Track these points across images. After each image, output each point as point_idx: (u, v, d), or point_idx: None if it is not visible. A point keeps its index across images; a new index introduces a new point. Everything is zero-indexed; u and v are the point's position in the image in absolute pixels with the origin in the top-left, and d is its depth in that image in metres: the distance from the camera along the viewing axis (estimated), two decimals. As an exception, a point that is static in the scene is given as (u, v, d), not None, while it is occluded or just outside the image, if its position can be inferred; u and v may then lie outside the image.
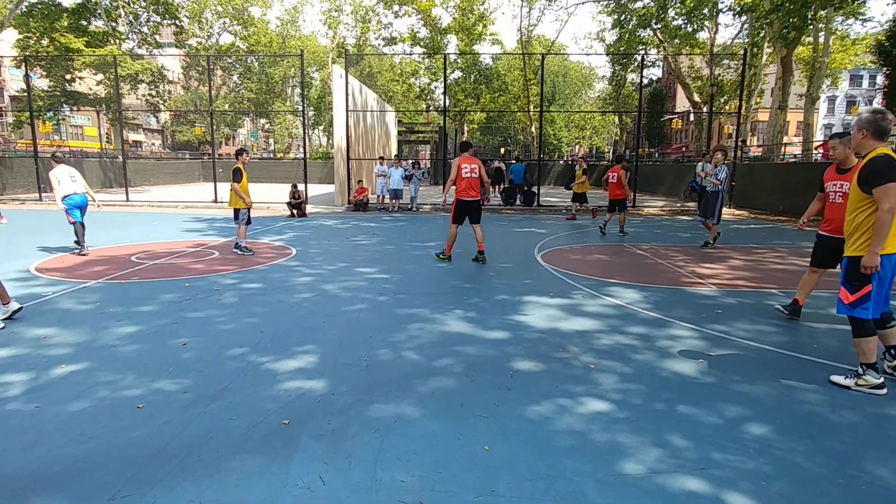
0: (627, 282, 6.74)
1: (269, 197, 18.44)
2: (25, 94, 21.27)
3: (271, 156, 55.27)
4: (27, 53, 23.46)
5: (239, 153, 8.64)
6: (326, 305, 5.55)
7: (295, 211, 14.90)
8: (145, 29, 29.45)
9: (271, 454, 2.74)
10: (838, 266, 4.06)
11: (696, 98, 27.09)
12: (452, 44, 35.50)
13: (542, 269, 7.57)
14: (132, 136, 54.78)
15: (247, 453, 2.75)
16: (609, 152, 58.91)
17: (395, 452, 2.76)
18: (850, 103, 51.05)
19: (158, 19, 29.34)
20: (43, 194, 18.48)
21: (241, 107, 46.07)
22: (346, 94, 16.77)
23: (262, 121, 62.63)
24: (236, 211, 8.42)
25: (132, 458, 2.69)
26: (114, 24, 27.72)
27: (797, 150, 23.55)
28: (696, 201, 16.33)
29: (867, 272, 3.40)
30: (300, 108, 47.97)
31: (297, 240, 10.31)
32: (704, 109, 25.75)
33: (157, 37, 30.80)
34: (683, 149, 45.72)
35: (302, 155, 32.98)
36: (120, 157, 24.38)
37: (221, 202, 17.49)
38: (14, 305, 4.96)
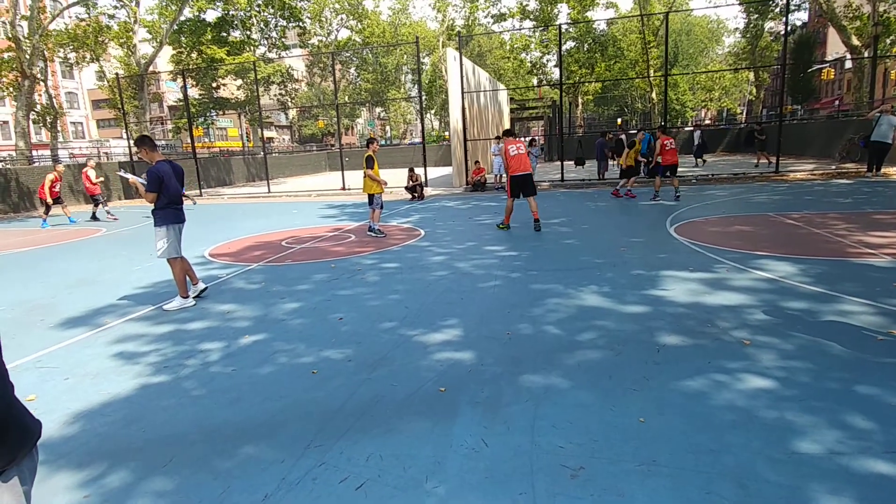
0: (779, 254, 6.19)
1: (390, 182, 19.33)
2: (181, 103, 24.26)
3: (387, 142, 57.67)
4: (182, 67, 26.72)
5: (370, 142, 9.22)
6: (462, 282, 5.79)
7: (414, 194, 15.51)
8: (274, 34, 32.04)
9: (434, 417, 2.99)
10: None
11: (855, 41, 23.48)
12: (563, 13, 34.19)
13: (677, 243, 7.19)
14: (266, 134, 60.20)
15: (412, 416, 3.03)
16: (742, 114, 53.31)
17: (550, 420, 2.87)
18: None
19: (285, 23, 31.76)
20: (202, 190, 21.07)
21: (359, 98, 48.48)
22: (461, 77, 16.96)
23: (378, 109, 65.38)
24: (370, 196, 9.00)
25: (317, 415, 3.09)
26: (248, 32, 30.51)
27: None
28: (868, 160, 14.33)
29: None
30: (413, 95, 49.37)
31: (423, 221, 10.77)
32: (866, 54, 22.29)
33: (283, 40, 33.37)
34: (837, 102, 39.99)
35: (416, 140, 34.05)
36: (260, 153, 26.98)
37: (350, 189, 18.72)
38: (201, 285, 5.81)
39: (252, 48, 30.88)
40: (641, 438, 2.65)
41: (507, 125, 28.04)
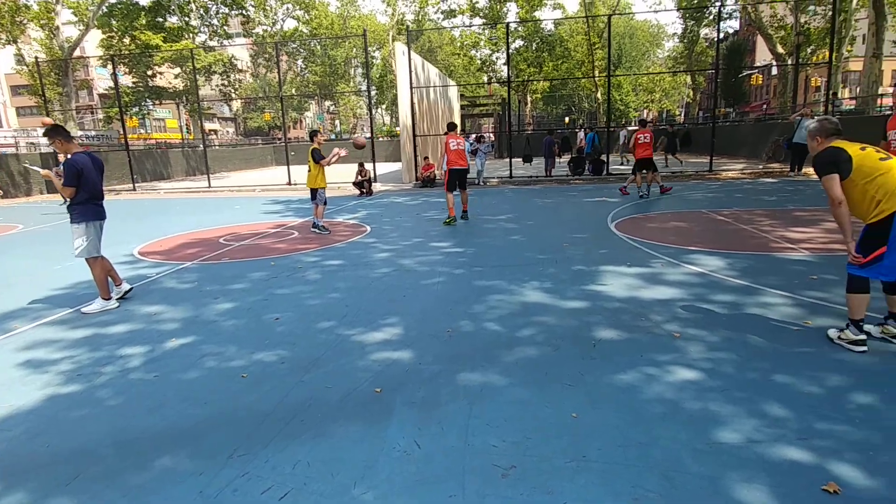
0: (709, 249, 6.46)
1: (338, 177, 19.01)
2: (113, 91, 22.90)
3: (336, 137, 56.67)
4: (112, 53, 25.18)
5: (314, 134, 9.00)
6: (406, 279, 5.72)
7: (362, 190, 15.28)
8: (215, 21, 30.74)
9: (368, 419, 2.91)
10: None
11: (780, 49, 24.96)
12: (512, 12, 34.55)
13: (617, 239, 7.39)
14: (208, 126, 57.82)
15: (345, 419, 2.94)
16: (680, 115, 55.67)
17: (485, 419, 2.85)
18: (965, 43, 45.15)
19: (227, 10, 30.52)
20: (136, 184, 19.99)
21: (307, 90, 47.33)
22: (410, 72, 16.82)
23: (327, 103, 64.12)
24: (314, 191, 8.78)
25: (244, 421, 2.95)
26: (187, 18, 29.14)
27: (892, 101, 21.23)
28: (790, 161, 15.25)
29: (854, 261, 3.43)
30: (363, 89, 48.66)
31: (370, 217, 10.61)
32: (789, 61, 23.71)
33: (226, 28, 32.09)
34: (764, 106, 42.41)
35: (367, 135, 33.68)
36: (200, 146, 25.84)
37: (296, 184, 18.24)
38: (125, 286, 5.47)
39: (191, 35, 29.51)
40: (574, 434, 2.67)
41: (457, 121, 28.11)
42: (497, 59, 36.65)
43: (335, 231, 8.99)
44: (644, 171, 11.62)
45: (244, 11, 31.85)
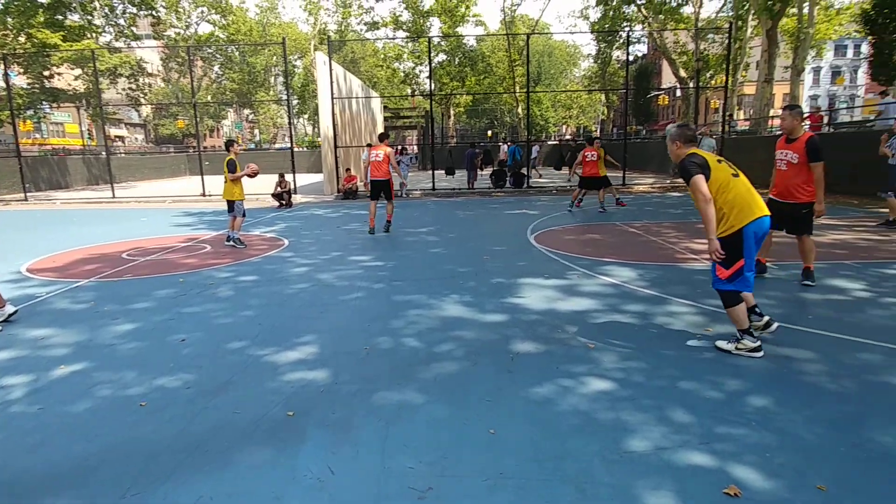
0: (622, 260, 6.78)
1: (257, 188, 18.27)
2: (5, 92, 20.79)
3: (254, 147, 54.62)
4: (4, 52, 22.86)
5: (230, 144, 8.58)
6: (323, 295, 5.53)
7: (282, 201, 14.77)
8: (122, 21, 28.77)
9: (279, 445, 2.75)
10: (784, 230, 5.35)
11: (683, 73, 27.04)
12: (435, 27, 35.08)
13: (536, 251, 7.58)
14: (114, 132, 53.83)
15: (254, 446, 2.75)
16: (596, 131, 58.77)
17: (402, 439, 2.77)
18: (835, 73, 51.19)
19: (135, 10, 28.66)
20: (28, 194, 18.18)
21: (223, 98, 45.35)
22: (331, 82, 16.56)
23: (246, 111, 61.80)
24: (230, 203, 8.38)
25: (140, 455, 2.69)
26: (89, 17, 27.06)
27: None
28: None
29: (715, 257, 3.58)
30: (284, 98, 47.35)
31: (288, 230, 10.24)
32: (691, 85, 25.71)
33: (133, 29, 30.12)
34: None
35: (287, 145, 32.66)
36: (104, 153, 23.96)
37: (210, 195, 17.33)
38: (9, 308, 4.89)
39: (94, 35, 27.40)
40: (491, 451, 2.65)
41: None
42: (420, 71, 37.01)
43: (251, 245, 8.59)
44: (596, 189, 11.55)
45: (154, 12, 30.05)
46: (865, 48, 38.27)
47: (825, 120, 19.25)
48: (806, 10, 22.56)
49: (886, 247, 7.26)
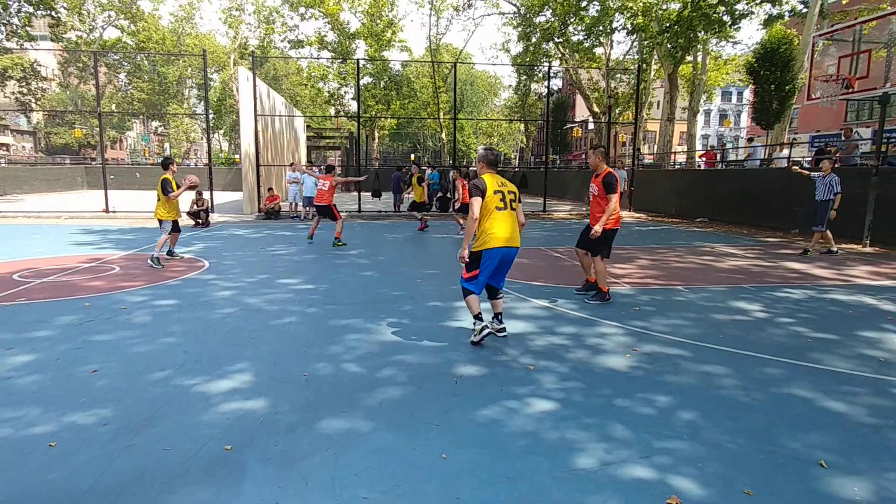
0: (551, 284, 7.05)
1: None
2: None
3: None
4: None
5: (168, 163, 8.25)
6: (253, 320, 5.27)
7: (198, 220, 13.99)
8: (15, 20, 26.32)
9: (217, 484, 2.56)
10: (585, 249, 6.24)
11: (595, 108, 28.95)
12: (361, 49, 35.20)
13: (468, 274, 7.69)
14: (-3, 139, 48.69)
15: (188, 486, 2.55)
16: (515, 159, 61.14)
17: (352, 469, 2.68)
18: (723, 116, 56.98)
19: (31, 10, 26.35)
20: None
21: (130, 108, 42.49)
22: (255, 98, 16.06)
23: (155, 123, 58.25)
24: (160, 221, 8.09)
25: (53, 504, 2.40)
26: (-25, 12, 24.55)
27: (682, 158, 25.89)
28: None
29: (461, 261, 4.50)
30: (199, 111, 45.21)
31: (208, 251, 9.69)
32: (603, 119, 27.56)
33: (28, 29, 27.65)
34: (583, 156, 48.55)
35: (202, 161, 31.08)
36: (-15, 162, 21.53)
37: (114, 212, 16.06)
38: None
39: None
40: (444, 476, 2.63)
41: (303, 152, 27.42)
42: (345, 93, 36.82)
43: (167, 266, 8.03)
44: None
45: (53, 13, 27.75)
46: (748, 95, 42.99)
47: (718, 157, 21.32)
48: (700, 59, 25.08)
49: (774, 272, 8.10)
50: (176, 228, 8.45)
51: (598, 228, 5.78)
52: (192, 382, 3.72)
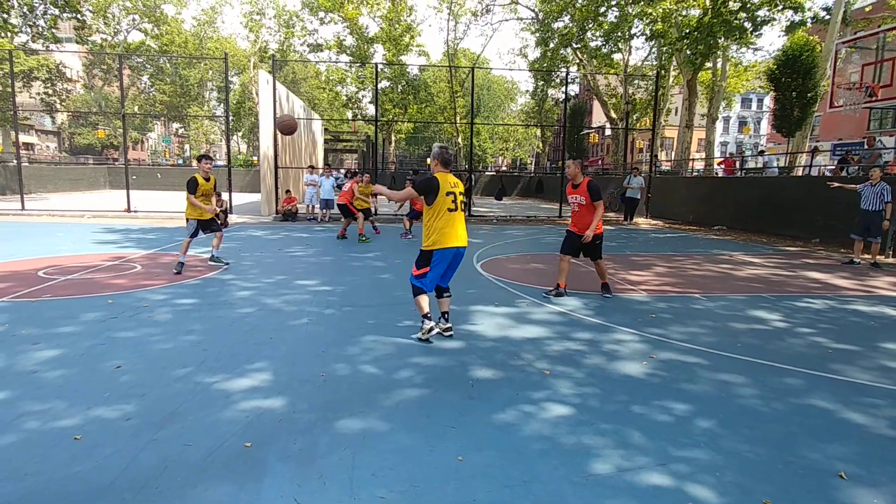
0: (567, 289, 7.02)
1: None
2: None
3: (184, 162, 52.21)
4: None
5: (200, 159, 8.15)
6: (271, 320, 5.34)
7: (218, 221, 14.16)
8: (41, 22, 26.96)
9: (238, 480, 2.61)
10: (580, 255, 6.68)
11: (613, 114, 28.81)
12: (379, 53, 35.48)
13: (484, 279, 7.72)
14: (23, 139, 49.83)
15: (210, 480, 2.60)
16: (532, 163, 60.99)
17: (369, 469, 2.72)
18: (742, 124, 56.34)
19: (57, 12, 26.98)
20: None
21: (152, 110, 43.28)
22: (274, 102, 16.27)
23: (176, 125, 59.19)
24: (186, 220, 8.14)
25: (78, 496, 2.46)
26: (5, 15, 25.19)
27: (700, 165, 25.65)
28: (623, 212, 17.58)
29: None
30: (218, 113, 45.87)
31: (227, 251, 9.82)
32: (620, 125, 27.41)
33: (54, 31, 28.29)
34: (600, 161, 48.28)
35: (220, 162, 31.51)
36: (13, 161, 22.08)
37: (136, 211, 16.36)
38: None
39: (9, 34, 25.48)
40: (461, 478, 2.65)
41: (320, 155, 27.67)
42: (363, 96, 37.11)
43: (187, 265, 8.15)
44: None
45: (79, 16, 28.39)
46: (768, 102, 42.42)
47: (737, 164, 21.09)
48: (720, 65, 24.85)
49: (794, 282, 8.00)
50: (212, 228, 8.29)
51: (589, 234, 6.18)
52: (213, 380, 3.79)
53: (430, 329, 4.69)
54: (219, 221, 13.99)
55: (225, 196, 15.02)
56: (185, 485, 2.56)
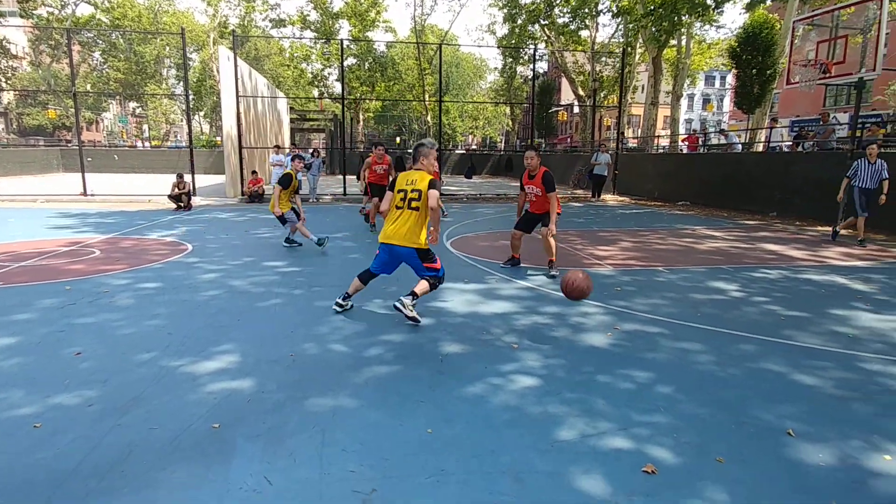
0: (535, 265, 7.13)
1: (152, 189, 16.93)
2: None
3: (141, 145, 50.30)
4: None
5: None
6: (238, 302, 5.27)
7: (180, 203, 13.80)
8: (-19, -5, 25.37)
9: (206, 460, 2.60)
10: (534, 231, 6.88)
11: (581, 92, 28.95)
12: (345, 29, 34.64)
13: (454, 256, 7.76)
14: (-33, 120, 47.19)
15: (178, 462, 2.58)
16: (501, 142, 61.01)
17: (340, 445, 2.74)
18: (705, 101, 57.40)
19: (-2, -16, 25.40)
20: None
21: (106, 88, 41.41)
22: (236, 79, 15.78)
23: (133, 104, 56.88)
24: (283, 214, 8.02)
25: (41, 483, 2.42)
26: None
27: (665, 142, 26.09)
28: (591, 188, 17.80)
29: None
30: (178, 92, 44.22)
31: (190, 234, 9.60)
32: (588, 103, 27.58)
33: (-4, 5, 26.67)
34: (569, 139, 48.62)
35: (180, 143, 30.48)
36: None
37: (93, 195, 15.77)
38: None
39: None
40: (431, 450, 2.70)
41: (286, 135, 27.06)
42: (329, 74, 36.30)
43: (149, 249, 7.94)
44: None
45: (23, -12, 26.83)
46: (730, 79, 43.24)
47: (700, 141, 21.53)
48: (684, 43, 25.15)
49: (752, 254, 8.29)
50: (293, 218, 8.23)
51: (553, 228, 6.39)
52: (179, 363, 3.73)
53: (343, 310, 4.93)
54: (182, 204, 13.70)
55: (188, 178, 14.60)
56: (151, 468, 2.54)
